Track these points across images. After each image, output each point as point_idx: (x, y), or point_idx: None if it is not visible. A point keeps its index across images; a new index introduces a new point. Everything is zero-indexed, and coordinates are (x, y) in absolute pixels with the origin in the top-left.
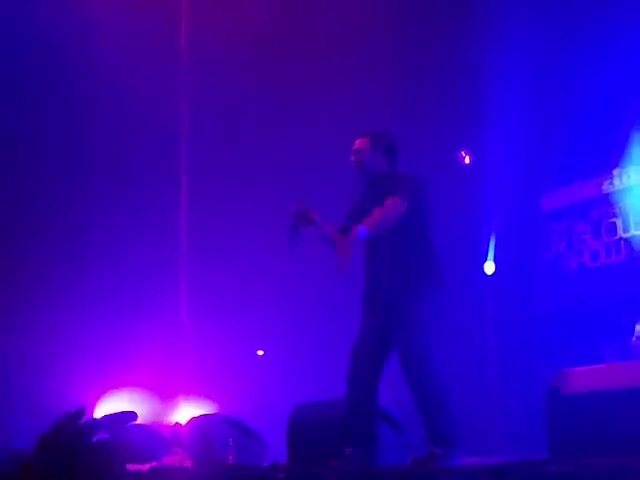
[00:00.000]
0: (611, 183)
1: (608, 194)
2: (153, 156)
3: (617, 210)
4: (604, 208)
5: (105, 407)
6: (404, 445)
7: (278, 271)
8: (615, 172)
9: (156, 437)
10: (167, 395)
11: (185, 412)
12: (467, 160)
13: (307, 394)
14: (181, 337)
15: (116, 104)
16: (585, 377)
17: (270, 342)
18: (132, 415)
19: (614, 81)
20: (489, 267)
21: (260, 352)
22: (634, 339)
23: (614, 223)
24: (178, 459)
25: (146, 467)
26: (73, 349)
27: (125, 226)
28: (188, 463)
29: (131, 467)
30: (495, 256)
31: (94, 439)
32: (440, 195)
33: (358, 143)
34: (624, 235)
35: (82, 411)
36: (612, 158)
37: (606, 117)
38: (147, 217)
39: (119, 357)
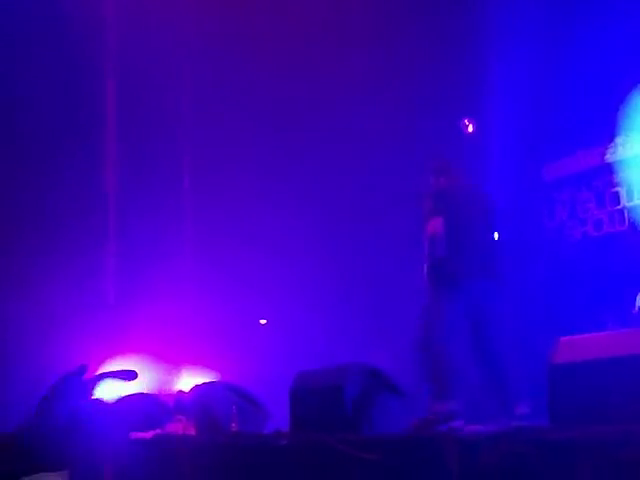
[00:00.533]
0: (614, 152)
1: (611, 163)
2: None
3: (620, 179)
4: (607, 177)
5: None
6: (408, 412)
7: (281, 240)
8: (618, 140)
9: (159, 405)
10: (170, 363)
11: (188, 380)
12: (470, 128)
13: (309, 362)
14: (185, 306)
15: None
16: (586, 345)
17: (272, 311)
18: (132, 373)
19: (616, 50)
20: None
21: (263, 321)
22: (636, 308)
23: (617, 192)
24: (181, 427)
25: (150, 434)
26: (76, 320)
27: (126, 201)
28: (191, 430)
29: (135, 434)
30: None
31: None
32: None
33: None
34: (628, 204)
35: (84, 368)
36: (615, 127)
37: (609, 86)
38: (149, 186)
39: (123, 326)
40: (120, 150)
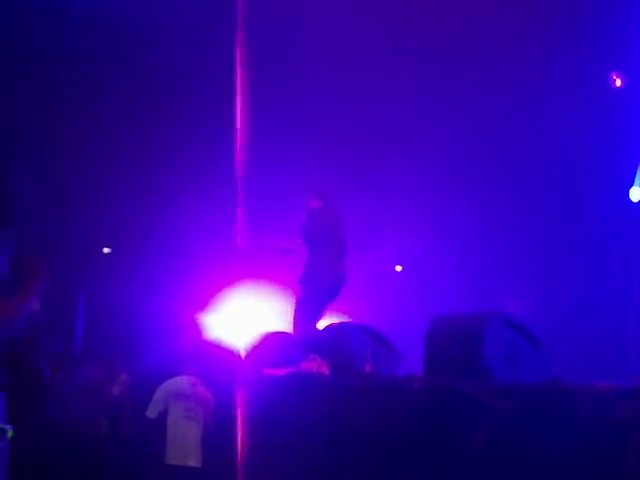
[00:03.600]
0: None
1: None
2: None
3: None
4: None
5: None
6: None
7: (417, 193)
8: None
9: (294, 343)
10: None
11: (324, 320)
12: (618, 83)
13: (446, 307)
14: None
15: None
16: None
17: (408, 258)
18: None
19: None
20: (635, 193)
21: (398, 267)
22: None
23: None
24: (315, 366)
25: (283, 372)
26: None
27: None
28: (325, 370)
29: (269, 371)
30: None
31: None
32: (588, 118)
33: None
34: None
35: None
36: None
37: None
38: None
39: (259, 267)
40: (251, 89)
